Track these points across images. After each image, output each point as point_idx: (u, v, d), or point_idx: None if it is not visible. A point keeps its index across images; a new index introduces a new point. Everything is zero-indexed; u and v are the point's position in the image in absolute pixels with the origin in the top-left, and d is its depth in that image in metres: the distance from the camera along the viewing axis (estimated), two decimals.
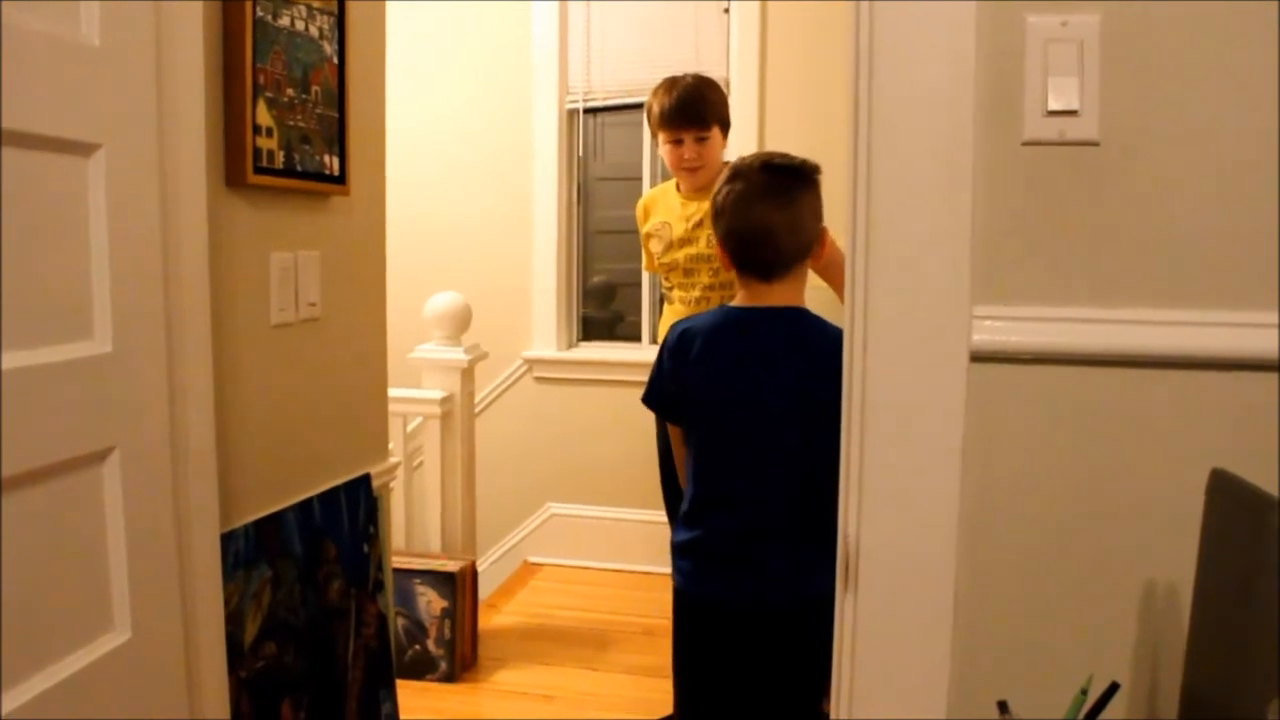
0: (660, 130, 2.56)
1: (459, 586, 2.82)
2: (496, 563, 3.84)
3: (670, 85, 2.54)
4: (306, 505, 1.71)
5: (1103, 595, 0.95)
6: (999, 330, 0.93)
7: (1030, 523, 0.96)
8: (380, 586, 1.93)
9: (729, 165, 1.72)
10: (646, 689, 2.74)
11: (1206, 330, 0.91)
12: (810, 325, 1.64)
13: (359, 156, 1.81)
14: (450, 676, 2.81)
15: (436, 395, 2.99)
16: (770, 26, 3.55)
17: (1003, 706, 0.92)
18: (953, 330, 0.93)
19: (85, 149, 1.13)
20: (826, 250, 1.69)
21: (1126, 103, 0.91)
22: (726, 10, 3.61)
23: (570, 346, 3.95)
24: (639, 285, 3.86)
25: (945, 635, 0.95)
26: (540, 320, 3.88)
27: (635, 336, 3.92)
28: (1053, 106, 0.91)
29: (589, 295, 4.02)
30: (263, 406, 1.60)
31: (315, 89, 1.65)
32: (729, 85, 3.52)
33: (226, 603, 1.45)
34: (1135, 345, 0.92)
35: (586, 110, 3.86)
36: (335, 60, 1.70)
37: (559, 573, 3.78)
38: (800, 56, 3.51)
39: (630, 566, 3.73)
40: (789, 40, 3.54)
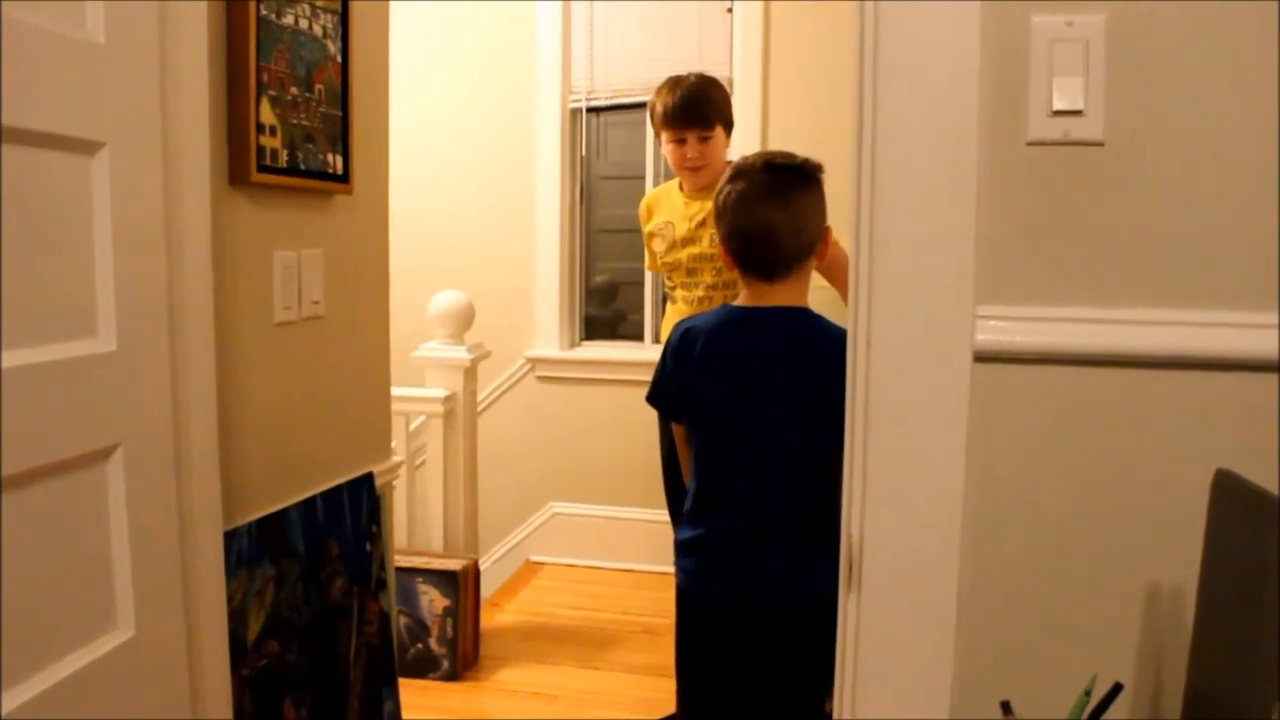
0: (663, 129, 2.55)
1: (461, 585, 2.82)
2: (499, 561, 3.84)
3: (673, 84, 2.54)
4: (309, 504, 1.71)
5: (1106, 595, 0.95)
6: (1003, 330, 0.93)
7: (1033, 523, 0.96)
8: (383, 585, 1.93)
9: (731, 165, 1.72)
10: (648, 688, 2.74)
11: (1209, 331, 0.91)
12: (813, 325, 1.64)
13: (362, 155, 1.82)
14: (452, 675, 2.81)
15: (439, 394, 3.00)
16: (773, 25, 3.55)
17: (1006, 707, 0.92)
18: (956, 330, 0.93)
19: (89, 147, 1.13)
20: (829, 250, 1.69)
21: (1131, 103, 0.91)
22: (730, 9, 3.61)
23: (573, 346, 3.95)
24: (641, 284, 3.86)
25: (948, 635, 0.95)
26: (543, 319, 3.89)
27: (638, 336, 3.92)
28: (1057, 106, 0.91)
29: (591, 294, 4.02)
30: (266, 405, 1.60)
31: (319, 87, 1.65)
32: (732, 84, 3.52)
33: (229, 601, 1.45)
34: (1138, 346, 0.92)
35: (589, 109, 3.86)
36: (339, 59, 1.70)
37: (561, 572, 3.78)
38: (803, 56, 3.51)
39: (632, 565, 3.73)
40: (792, 39, 3.54)
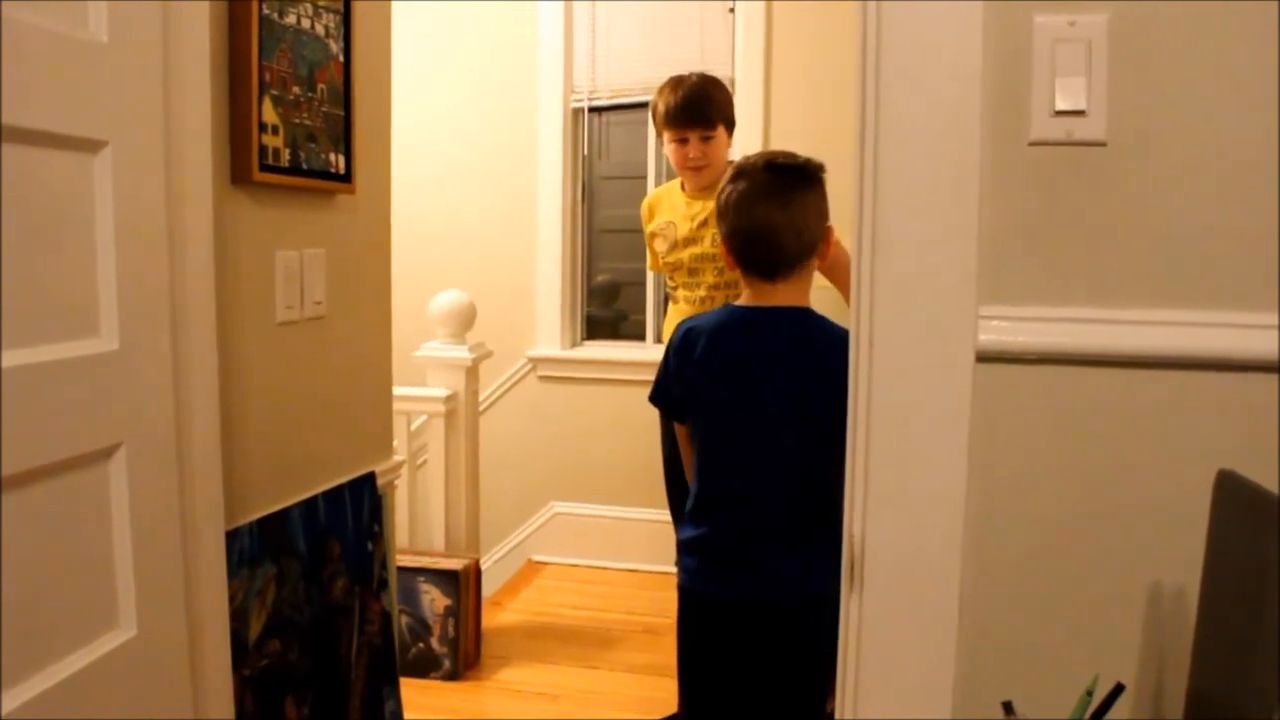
0: (665, 129, 2.55)
1: (463, 584, 2.82)
2: (500, 561, 3.84)
3: (675, 84, 2.54)
4: (311, 503, 1.71)
5: (1108, 596, 0.95)
6: (1005, 330, 0.93)
7: (1035, 523, 0.96)
8: (384, 584, 1.93)
9: (733, 164, 1.72)
10: (650, 688, 2.74)
11: (1212, 331, 0.90)
12: (814, 325, 1.63)
13: (364, 155, 1.82)
14: (454, 674, 2.81)
15: (441, 393, 3.00)
16: (775, 25, 3.55)
17: (1008, 707, 0.92)
18: (958, 330, 0.92)
19: (92, 146, 1.13)
20: (831, 250, 1.69)
21: (1134, 103, 0.91)
22: (732, 9, 3.61)
23: (574, 345, 3.95)
24: (643, 284, 3.86)
25: (950, 635, 0.95)
26: (544, 319, 3.89)
27: (639, 336, 3.92)
28: (1060, 106, 0.91)
29: (593, 294, 4.02)
30: (268, 404, 1.60)
31: (321, 87, 1.65)
32: (734, 84, 3.52)
33: (231, 600, 1.45)
34: (1141, 346, 0.92)
35: (591, 109, 3.86)
36: (341, 58, 1.70)
37: (562, 571, 3.78)
38: (805, 56, 3.51)
39: (634, 565, 3.73)
40: (794, 39, 3.53)
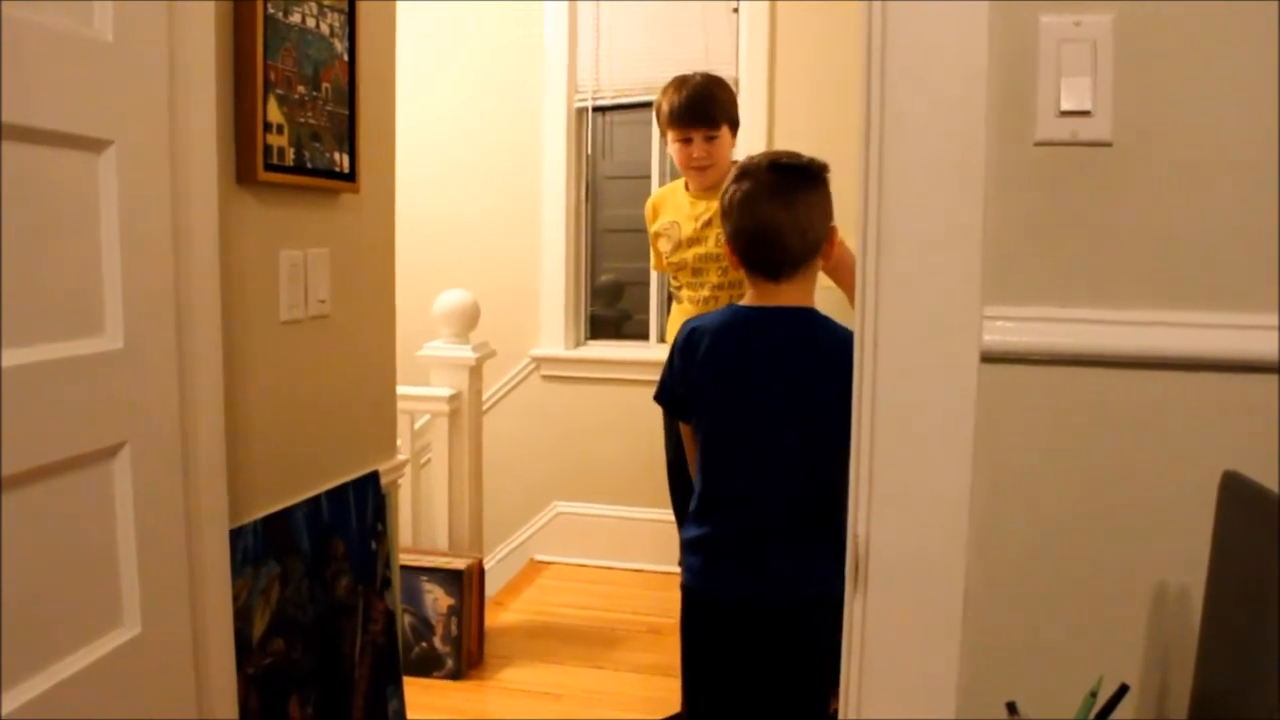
0: (669, 129, 2.55)
1: (466, 584, 2.82)
2: (503, 560, 3.84)
3: (679, 84, 2.54)
4: (315, 502, 1.71)
5: (1112, 596, 0.95)
6: (1009, 331, 0.93)
7: (1040, 523, 0.96)
8: (388, 584, 1.93)
9: (737, 164, 1.72)
10: (653, 687, 2.74)
11: (1216, 333, 0.90)
12: (818, 325, 1.63)
13: (369, 154, 1.82)
14: (457, 674, 2.81)
15: (444, 393, 3.00)
16: (779, 25, 3.55)
17: (1012, 707, 0.92)
18: (963, 330, 0.92)
19: (97, 145, 1.13)
20: (835, 250, 1.69)
21: (1139, 103, 0.91)
22: (735, 9, 3.61)
23: (578, 345, 3.95)
24: (647, 284, 3.86)
25: (954, 635, 0.95)
26: (548, 319, 3.89)
27: (643, 335, 3.92)
28: (1065, 107, 0.91)
29: (597, 294, 4.02)
30: (272, 403, 1.61)
31: (326, 86, 1.65)
32: (738, 84, 3.52)
33: (235, 599, 1.45)
34: (1145, 347, 0.92)
35: (595, 109, 3.86)
36: (346, 58, 1.70)
37: (565, 571, 3.79)
38: (809, 55, 3.51)
39: (637, 565, 3.73)
40: (798, 39, 3.53)
